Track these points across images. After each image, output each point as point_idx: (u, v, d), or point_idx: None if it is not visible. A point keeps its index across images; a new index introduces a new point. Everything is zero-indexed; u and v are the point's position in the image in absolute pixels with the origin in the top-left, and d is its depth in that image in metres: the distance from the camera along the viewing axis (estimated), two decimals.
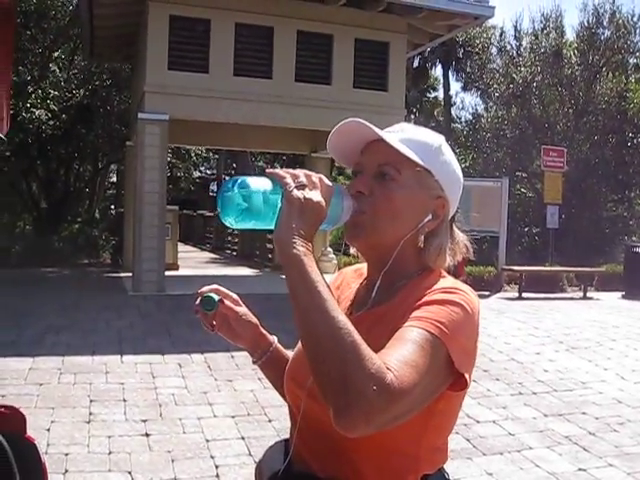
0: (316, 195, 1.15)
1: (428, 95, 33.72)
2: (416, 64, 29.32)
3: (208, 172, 35.84)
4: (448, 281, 1.29)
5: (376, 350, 1.10)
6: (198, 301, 1.41)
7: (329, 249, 16.08)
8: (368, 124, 1.28)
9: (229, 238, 22.27)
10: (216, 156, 31.47)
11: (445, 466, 1.33)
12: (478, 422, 5.49)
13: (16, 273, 14.13)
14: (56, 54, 18.71)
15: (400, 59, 12.81)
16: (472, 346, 1.23)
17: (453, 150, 1.39)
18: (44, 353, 6.96)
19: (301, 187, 1.14)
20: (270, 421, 5.35)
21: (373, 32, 12.31)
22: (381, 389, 1.02)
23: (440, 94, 32.70)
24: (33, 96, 16.79)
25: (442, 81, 30.69)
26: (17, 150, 18.78)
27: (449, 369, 1.16)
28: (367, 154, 1.32)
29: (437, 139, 1.35)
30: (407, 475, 1.23)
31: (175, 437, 4.93)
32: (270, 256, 16.94)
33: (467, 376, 1.18)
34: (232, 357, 7.08)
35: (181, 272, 14.41)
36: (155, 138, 11.19)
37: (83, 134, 18.70)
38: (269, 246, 17.39)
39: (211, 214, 24.88)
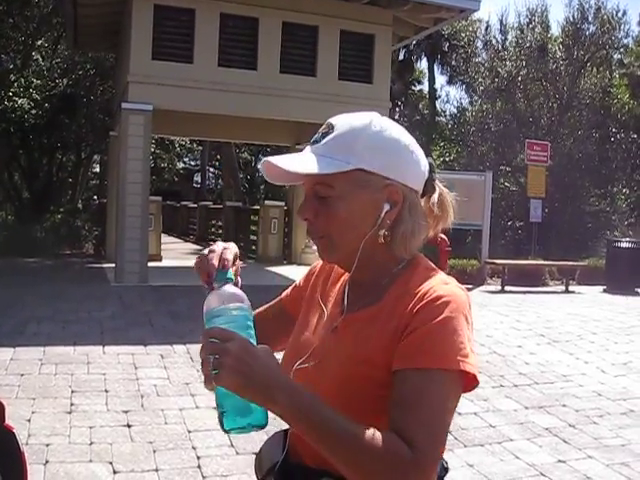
0: (234, 358, 1.06)
1: (413, 88, 33.68)
2: (401, 57, 29.29)
3: (192, 163, 35.71)
4: (436, 280, 1.27)
5: (365, 350, 1.23)
6: (214, 275, 1.25)
7: None
8: (277, 162, 1.26)
9: (213, 229, 22.22)
10: (200, 147, 31.33)
11: None
12: (460, 414, 5.50)
13: None
14: (39, 42, 18.56)
15: (385, 51, 12.79)
16: (470, 338, 1.23)
17: (437, 144, 1.37)
18: (25, 343, 6.90)
19: (219, 365, 1.06)
20: None
21: (359, 24, 12.29)
22: (401, 466, 1.08)
23: (425, 87, 32.71)
24: (15, 85, 16.63)
25: (427, 74, 30.69)
26: None
27: (460, 379, 1.20)
28: (304, 178, 1.30)
29: (362, 123, 1.29)
30: None
31: (157, 428, 4.91)
32: (254, 247, 16.93)
33: (475, 370, 1.21)
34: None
35: (164, 263, 14.36)
36: (139, 128, 11.12)
37: (66, 124, 18.56)
38: (252, 237, 17.39)
39: (194, 205, 24.81)
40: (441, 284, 1.25)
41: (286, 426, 1.33)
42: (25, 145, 19.71)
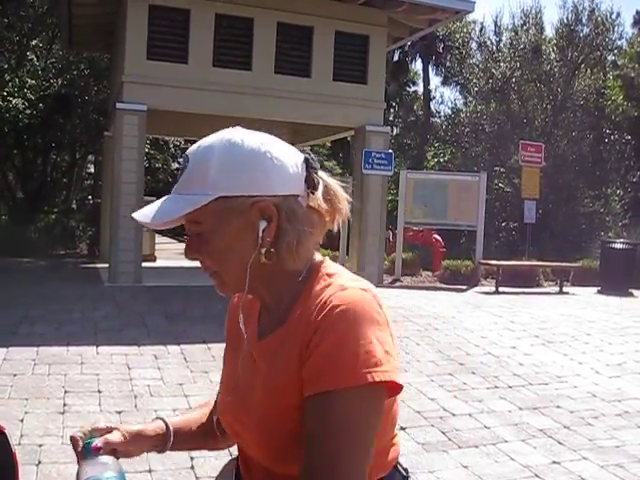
0: None
1: (408, 89, 33.71)
2: (396, 58, 29.34)
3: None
4: (334, 287, 1.20)
5: (278, 378, 1.18)
6: (80, 449, 1.25)
7: None
8: (140, 219, 1.22)
9: None
10: None
11: (420, 459, 1.34)
12: (454, 415, 5.51)
13: None
14: (34, 42, 18.52)
15: (380, 52, 12.80)
16: (389, 344, 1.16)
17: (431, 145, 1.35)
18: (18, 343, 6.88)
19: None
20: None
21: (353, 25, 12.29)
22: None
23: (420, 88, 32.76)
24: (10, 85, 16.60)
25: (422, 75, 30.73)
26: None
27: (377, 391, 1.13)
28: (172, 221, 1.24)
29: (209, 149, 1.23)
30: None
31: None
32: None
33: (394, 375, 1.13)
34: (208, 349, 7.05)
35: (158, 263, 14.36)
36: (133, 128, 11.10)
37: (61, 124, 18.54)
38: None
39: None
40: (338, 291, 1.17)
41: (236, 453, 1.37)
42: (19, 145, 19.67)
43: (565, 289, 13.11)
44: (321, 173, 1.28)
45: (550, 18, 40.42)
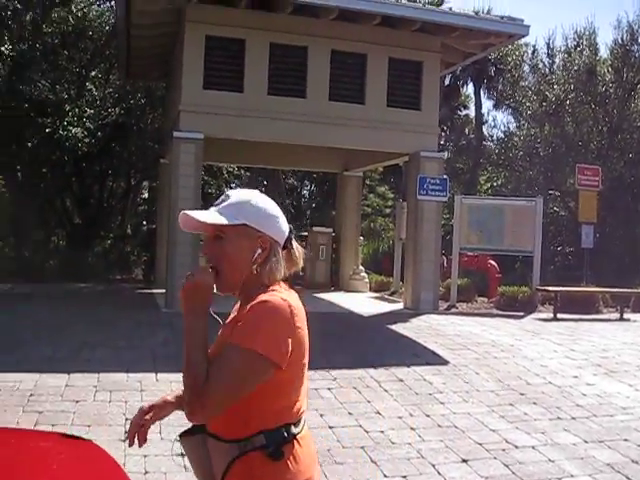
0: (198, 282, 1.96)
1: (459, 113, 33.53)
2: (447, 82, 29.21)
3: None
4: (266, 295, 1.92)
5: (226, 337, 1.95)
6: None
7: (361, 267, 16.05)
8: (192, 214, 1.96)
9: None
10: (248, 173, 31.61)
11: None
12: (517, 447, 5.40)
13: (51, 288, 14.27)
14: (93, 73, 18.98)
15: (434, 78, 12.78)
16: (282, 333, 1.87)
17: (484, 169, 1.41)
18: (79, 370, 6.99)
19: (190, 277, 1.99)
20: None
21: (407, 51, 12.33)
22: (199, 396, 1.84)
23: (471, 112, 32.53)
24: (70, 114, 16.99)
25: (474, 99, 30.52)
26: (53, 167, 19.06)
27: (257, 361, 1.83)
28: (202, 224, 1.97)
29: (248, 197, 2.01)
30: (239, 426, 1.91)
31: None
32: (301, 273, 16.92)
33: (279, 361, 1.85)
34: None
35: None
36: (190, 157, 11.27)
37: (117, 151, 18.93)
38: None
39: None
40: (263, 299, 1.90)
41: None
42: (78, 172, 20.13)
43: (626, 316, 12.79)
44: (293, 240, 2.07)
45: (604, 39, 39.87)
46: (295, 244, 2.06)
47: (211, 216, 1.95)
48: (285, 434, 1.92)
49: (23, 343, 8.23)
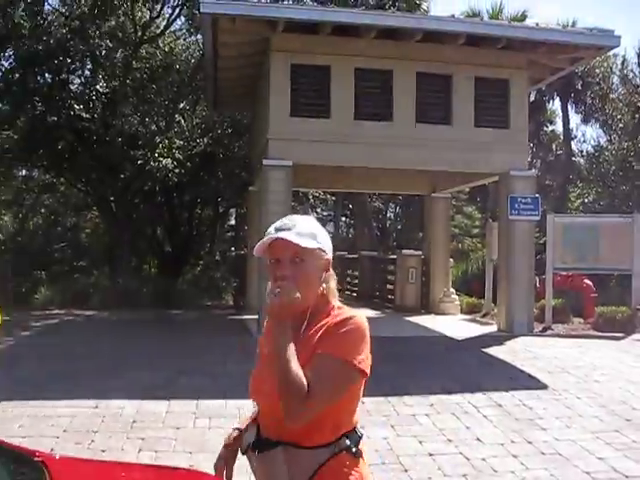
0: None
1: (545, 129, 32.88)
2: (532, 98, 28.70)
3: (324, 214, 36.28)
4: (346, 311, 2.14)
5: (312, 349, 2.07)
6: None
7: (451, 290, 15.82)
8: (290, 238, 2.06)
9: (348, 279, 22.30)
10: (333, 197, 31.82)
11: None
12: (627, 477, 5.16)
13: (145, 315, 14.69)
14: (180, 105, 19.58)
15: (521, 95, 12.56)
16: (366, 345, 2.09)
17: (575, 185, 1.35)
18: (179, 396, 7.12)
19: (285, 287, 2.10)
20: (406, 470, 5.22)
21: (493, 70, 12.18)
22: (303, 403, 1.95)
23: (558, 127, 31.82)
24: (160, 146, 17.55)
25: (561, 114, 29.85)
26: (145, 198, 19.70)
27: (353, 372, 2.03)
28: (278, 248, 2.09)
29: (314, 223, 2.19)
30: (328, 431, 2.08)
31: None
32: (390, 296, 16.84)
33: (366, 369, 2.06)
34: (362, 402, 6.98)
35: None
36: (279, 184, 11.40)
37: (205, 180, 19.39)
38: (389, 287, 17.28)
39: None
40: (347, 315, 2.11)
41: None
42: (168, 202, 20.74)
43: None
44: None
45: None
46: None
47: (301, 240, 2.07)
48: (357, 434, 2.15)
49: (124, 369, 8.47)
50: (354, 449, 2.10)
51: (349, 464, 2.09)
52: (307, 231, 2.10)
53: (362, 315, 2.14)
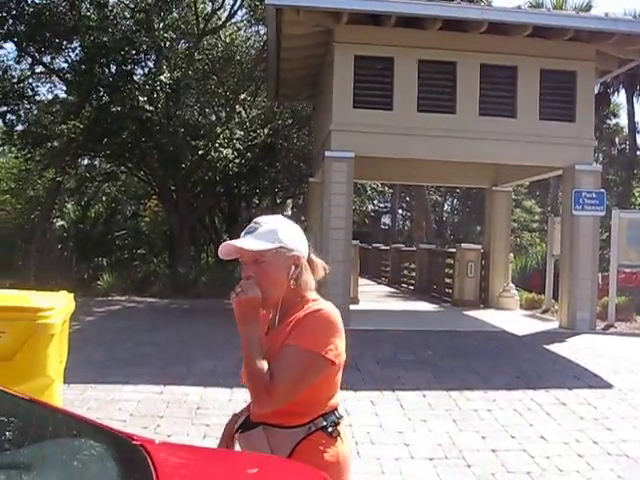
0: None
1: (608, 122, 32.13)
2: (596, 90, 28.05)
3: (381, 205, 36.20)
4: (317, 303, 2.26)
5: (280, 345, 2.21)
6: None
7: (511, 284, 15.62)
8: (239, 244, 2.21)
9: (405, 272, 22.21)
10: (391, 190, 31.72)
11: None
12: None
13: (204, 303, 14.90)
14: (241, 96, 19.71)
15: (588, 88, 12.30)
16: (336, 335, 2.22)
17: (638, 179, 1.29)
18: (241, 384, 7.18)
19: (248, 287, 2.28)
20: (469, 466, 5.20)
21: (559, 62, 11.94)
22: (267, 391, 2.11)
23: (622, 120, 31.06)
24: (221, 136, 17.71)
25: (626, 107, 29.10)
26: (205, 187, 19.92)
27: (320, 361, 2.17)
28: (240, 252, 2.22)
29: (278, 222, 2.28)
30: (305, 414, 2.24)
31: (374, 477, 4.90)
32: (448, 290, 16.71)
33: (335, 359, 2.20)
34: (424, 396, 7.00)
35: (361, 306, 14.52)
36: (342, 175, 11.41)
37: (265, 171, 19.51)
38: (447, 281, 17.15)
39: (386, 247, 24.98)
40: (317, 307, 2.24)
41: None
42: (228, 192, 20.93)
43: None
44: (312, 254, 2.36)
45: None
46: (313, 256, 2.37)
47: (256, 243, 2.20)
48: (335, 416, 2.30)
49: (187, 356, 8.63)
50: (330, 429, 2.26)
51: (325, 442, 2.25)
52: (266, 233, 2.22)
53: (332, 307, 2.27)
